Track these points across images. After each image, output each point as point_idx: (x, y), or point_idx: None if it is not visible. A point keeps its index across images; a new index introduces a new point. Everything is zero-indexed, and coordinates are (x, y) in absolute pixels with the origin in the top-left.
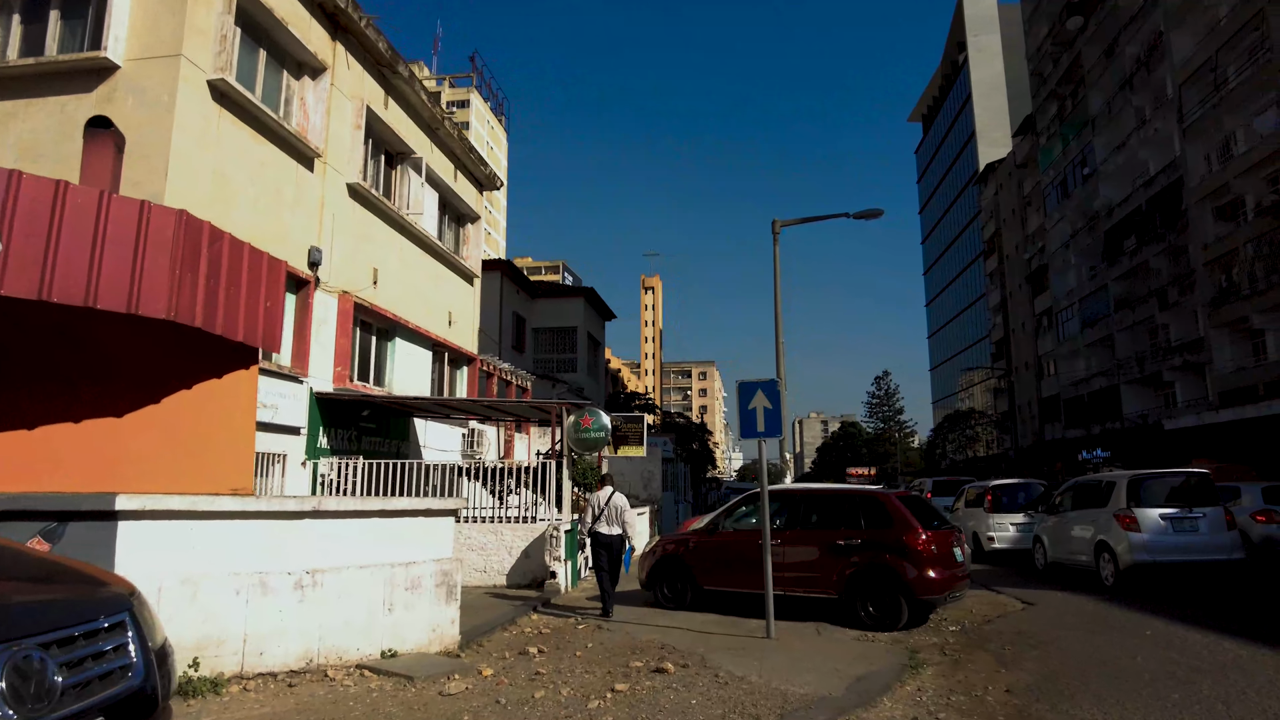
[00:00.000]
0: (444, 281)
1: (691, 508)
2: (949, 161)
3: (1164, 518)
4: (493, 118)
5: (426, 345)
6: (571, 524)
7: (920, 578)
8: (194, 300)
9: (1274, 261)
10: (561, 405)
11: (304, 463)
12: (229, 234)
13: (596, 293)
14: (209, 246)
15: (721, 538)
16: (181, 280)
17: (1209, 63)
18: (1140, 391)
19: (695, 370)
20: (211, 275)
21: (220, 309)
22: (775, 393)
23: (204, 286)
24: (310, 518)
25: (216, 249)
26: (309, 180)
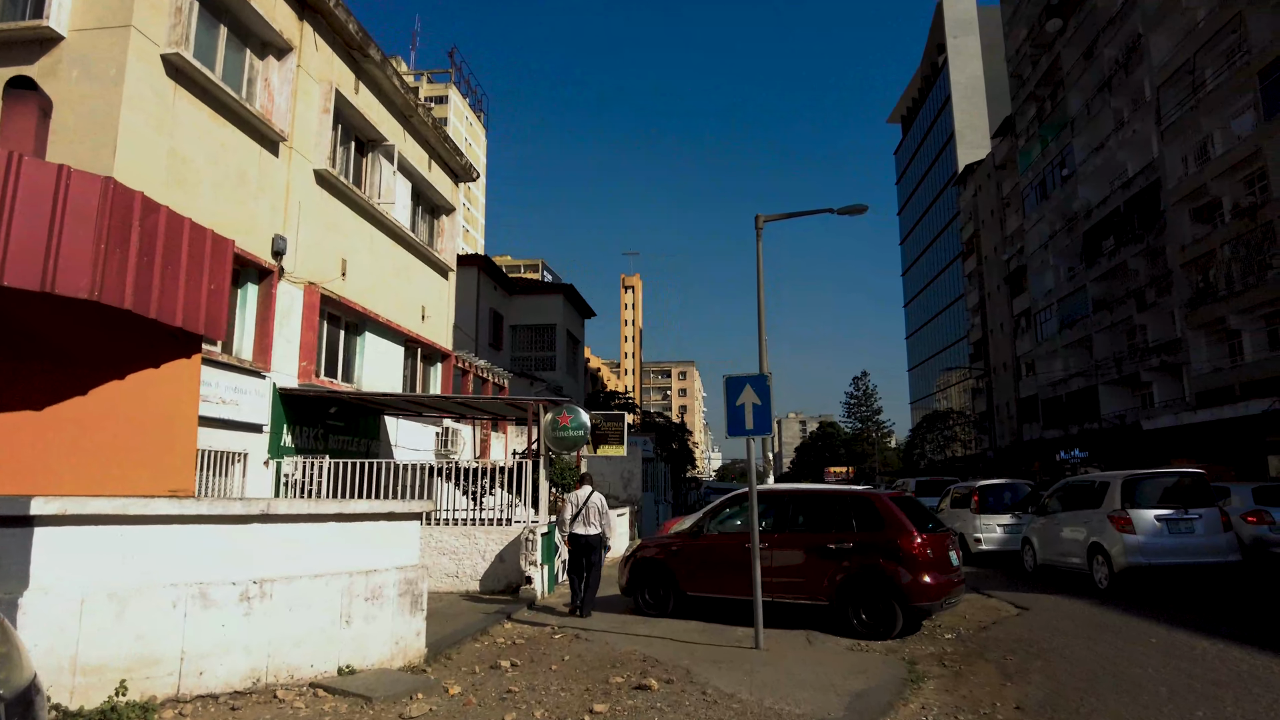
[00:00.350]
0: (417, 274)
1: (672, 508)
2: (928, 163)
3: (1159, 519)
4: (471, 114)
5: (398, 340)
6: (549, 526)
7: (915, 583)
8: (123, 279)
9: (1250, 263)
10: (538, 402)
11: (267, 462)
12: (166, 207)
13: (576, 290)
14: (142, 220)
15: (706, 541)
16: (108, 256)
17: (1187, 65)
18: (1118, 392)
19: (675, 370)
20: (145, 252)
21: (155, 290)
22: (765, 388)
23: (136, 264)
24: (259, 522)
25: (151, 223)
26: (274, 165)
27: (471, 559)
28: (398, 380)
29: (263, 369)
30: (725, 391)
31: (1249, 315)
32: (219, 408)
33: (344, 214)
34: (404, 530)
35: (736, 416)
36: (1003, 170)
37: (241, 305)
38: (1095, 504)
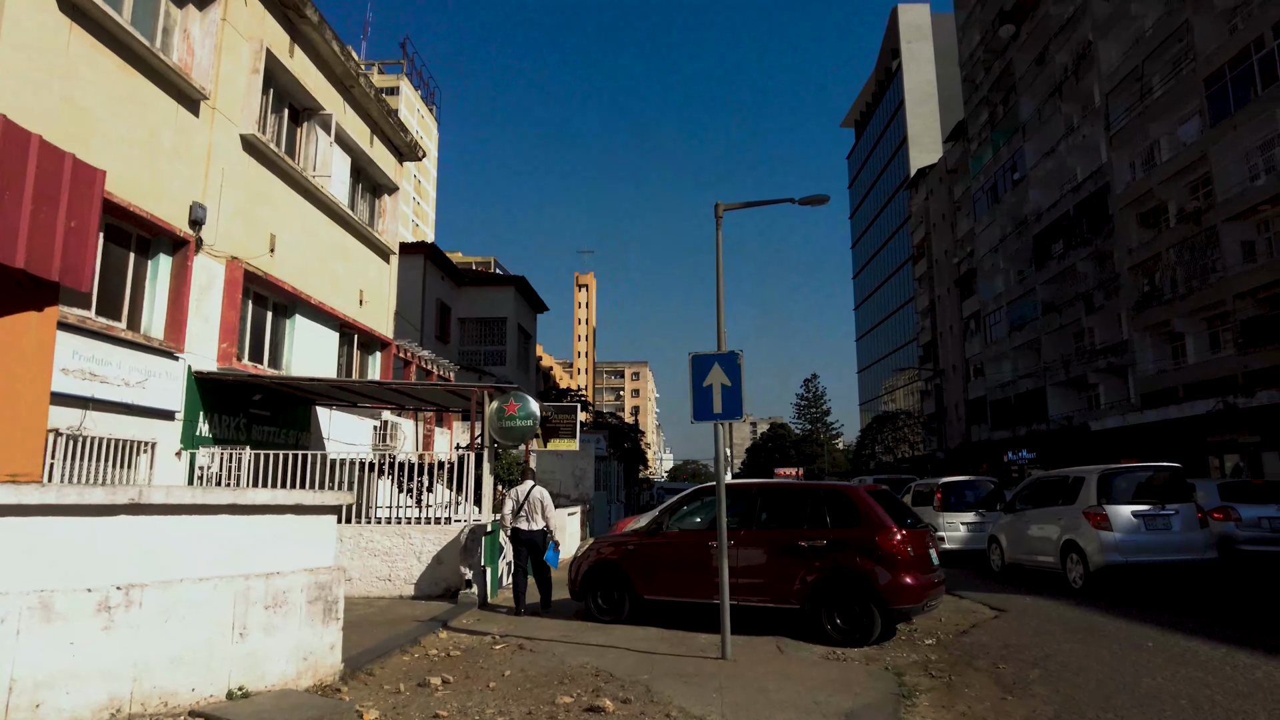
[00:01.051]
0: (355, 256)
1: (624, 508)
2: (880, 167)
3: (1137, 515)
4: (423, 106)
5: (333, 325)
6: (492, 525)
7: (895, 585)
8: None
9: (1194, 267)
10: (482, 389)
11: (179, 453)
12: (3, 115)
13: (528, 282)
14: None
15: (665, 539)
16: None
17: (1135, 72)
18: (1065, 393)
19: (629, 370)
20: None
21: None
22: (735, 368)
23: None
24: (127, 513)
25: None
26: (194, 127)
27: (406, 561)
28: (332, 368)
29: (175, 349)
30: (691, 371)
31: (1192, 318)
32: (122, 390)
33: (274, 186)
34: (317, 526)
35: (704, 399)
36: (954, 174)
37: (152, 278)
38: (1069, 500)
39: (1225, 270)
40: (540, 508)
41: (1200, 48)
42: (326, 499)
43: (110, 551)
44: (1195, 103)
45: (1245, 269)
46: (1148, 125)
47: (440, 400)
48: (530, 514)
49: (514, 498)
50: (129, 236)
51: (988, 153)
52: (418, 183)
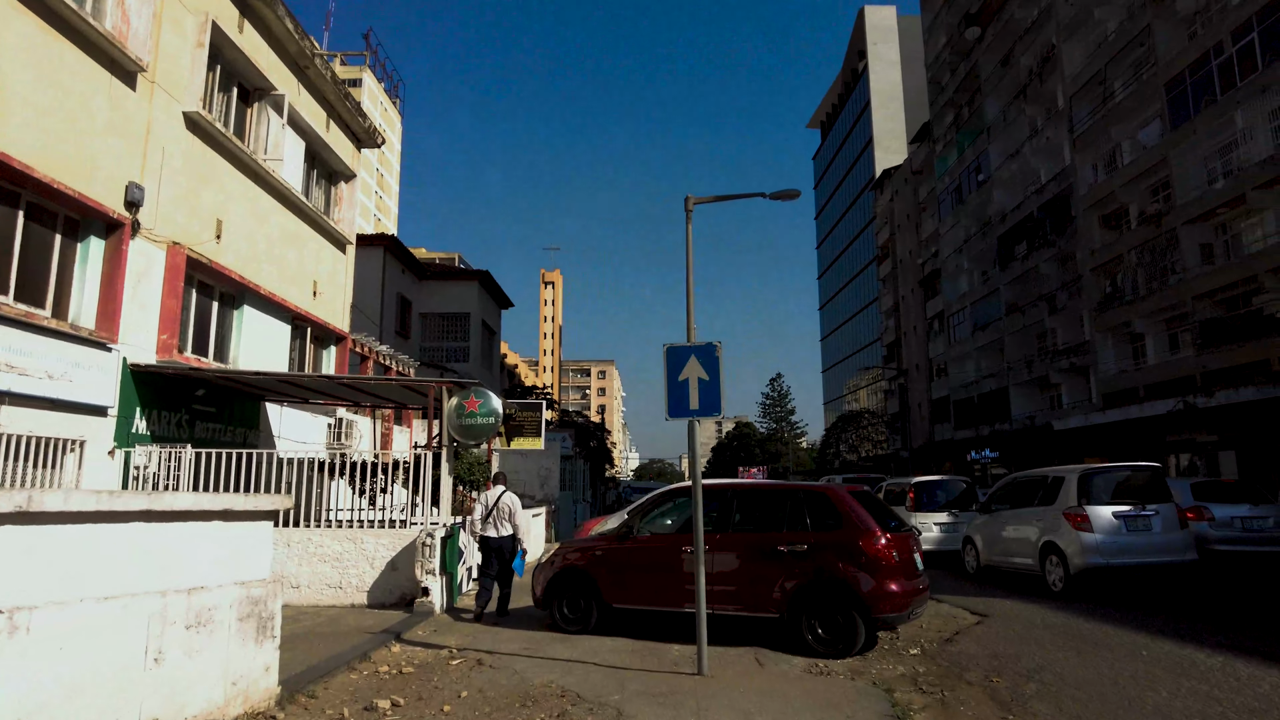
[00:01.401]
0: (309, 245)
1: (590, 508)
2: (846, 168)
3: (1117, 516)
4: (387, 99)
5: (284, 317)
6: (452, 529)
7: (880, 592)
8: None
9: (1154, 269)
10: (441, 384)
11: (112, 451)
12: None
13: (492, 277)
14: None
15: (635, 544)
16: None
17: (1098, 75)
18: (1028, 393)
19: (595, 369)
20: None
21: None
22: (713, 360)
23: None
24: (13, 523)
25: None
26: (130, 101)
27: (358, 567)
28: (283, 362)
29: (108, 340)
30: (666, 364)
31: (1152, 319)
32: (45, 384)
33: (221, 168)
34: (249, 534)
35: (679, 394)
36: (919, 175)
37: (81, 262)
38: (1048, 501)
39: (1185, 272)
40: (509, 514)
41: (1161, 53)
42: (261, 503)
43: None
44: (1156, 106)
45: (1204, 271)
46: (1110, 128)
47: (396, 397)
48: (499, 520)
49: (483, 503)
50: (54, 217)
51: (953, 154)
52: (380, 176)
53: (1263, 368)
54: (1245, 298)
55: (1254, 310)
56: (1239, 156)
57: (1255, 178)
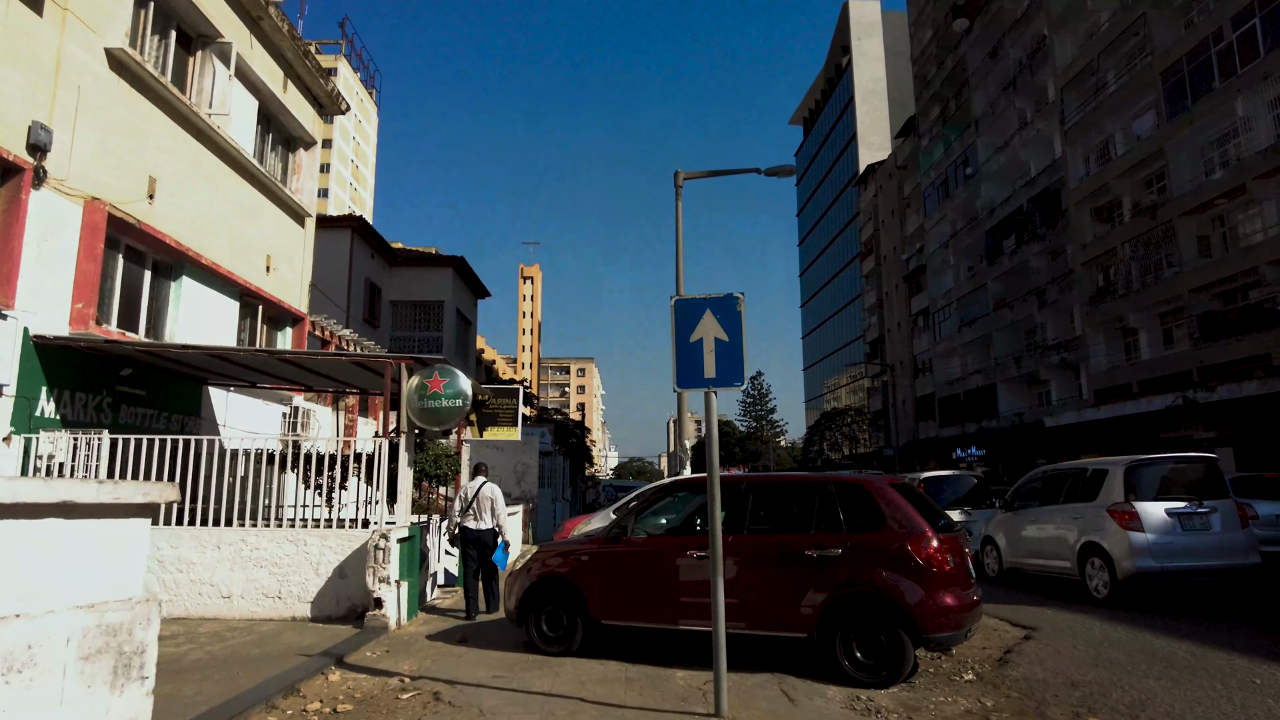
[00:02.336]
0: (263, 215)
1: (570, 507)
2: (829, 164)
3: (1171, 514)
4: (363, 90)
5: (231, 293)
6: (412, 529)
7: (932, 606)
8: None
9: (1148, 262)
10: (399, 361)
11: (7, 437)
12: None
13: (467, 263)
14: None
15: (630, 548)
16: None
17: (1090, 66)
18: (1016, 390)
19: (574, 366)
20: None
21: None
22: (734, 315)
23: None
24: None
25: None
26: (35, 28)
27: (301, 573)
28: (231, 342)
29: (3, 305)
30: (674, 322)
31: (1146, 313)
32: None
33: (155, 118)
34: (108, 538)
35: (690, 359)
36: (904, 170)
37: None
38: (1087, 496)
39: (1181, 265)
40: (490, 505)
41: (1157, 42)
42: (125, 494)
43: None
44: (1151, 97)
45: (1201, 264)
46: (1102, 119)
47: (348, 377)
48: (479, 512)
49: (463, 494)
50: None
51: (939, 148)
52: (355, 168)
53: (1263, 362)
54: (1244, 290)
55: (1254, 303)
56: (1238, 146)
57: (1256, 167)
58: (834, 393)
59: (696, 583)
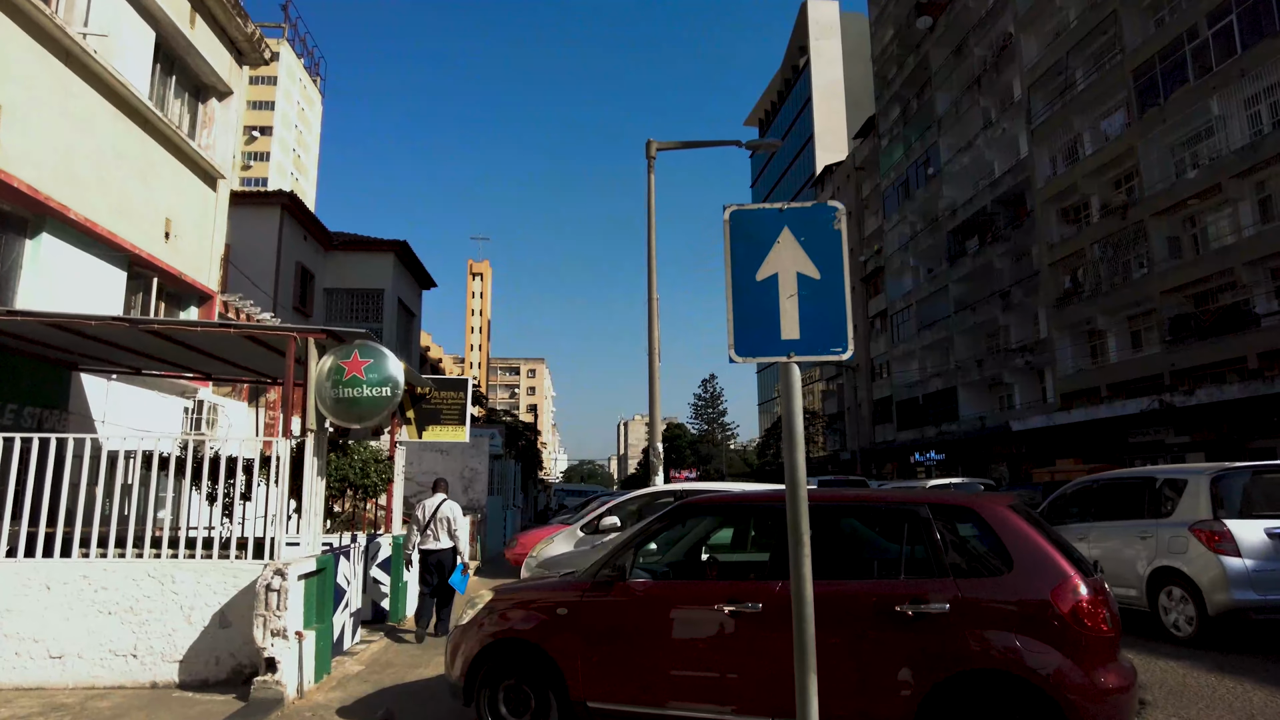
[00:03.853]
0: (161, 172)
1: (521, 514)
2: (785, 165)
3: (1273, 535)
4: (306, 76)
5: (117, 261)
6: (322, 561)
7: (1094, 690)
8: None
9: (1117, 263)
10: (304, 335)
11: None
12: None
13: (410, 249)
14: None
15: (630, 599)
16: None
17: (1058, 65)
18: (978, 393)
19: (524, 367)
20: None
21: None
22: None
23: None
24: None
25: None
26: None
27: (166, 621)
28: None
29: None
30: (729, 248)
31: (1115, 316)
32: None
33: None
34: None
35: (757, 308)
36: (862, 171)
37: None
38: (1157, 511)
39: (1152, 266)
40: (448, 524)
41: (1128, 39)
42: None
43: None
44: (1121, 95)
45: (1173, 265)
46: (1071, 118)
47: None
48: (437, 532)
49: (420, 513)
50: None
51: (899, 149)
52: (296, 157)
53: (1238, 365)
54: (1216, 292)
55: (1229, 306)
56: (1211, 146)
57: (1232, 166)
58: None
59: (732, 651)
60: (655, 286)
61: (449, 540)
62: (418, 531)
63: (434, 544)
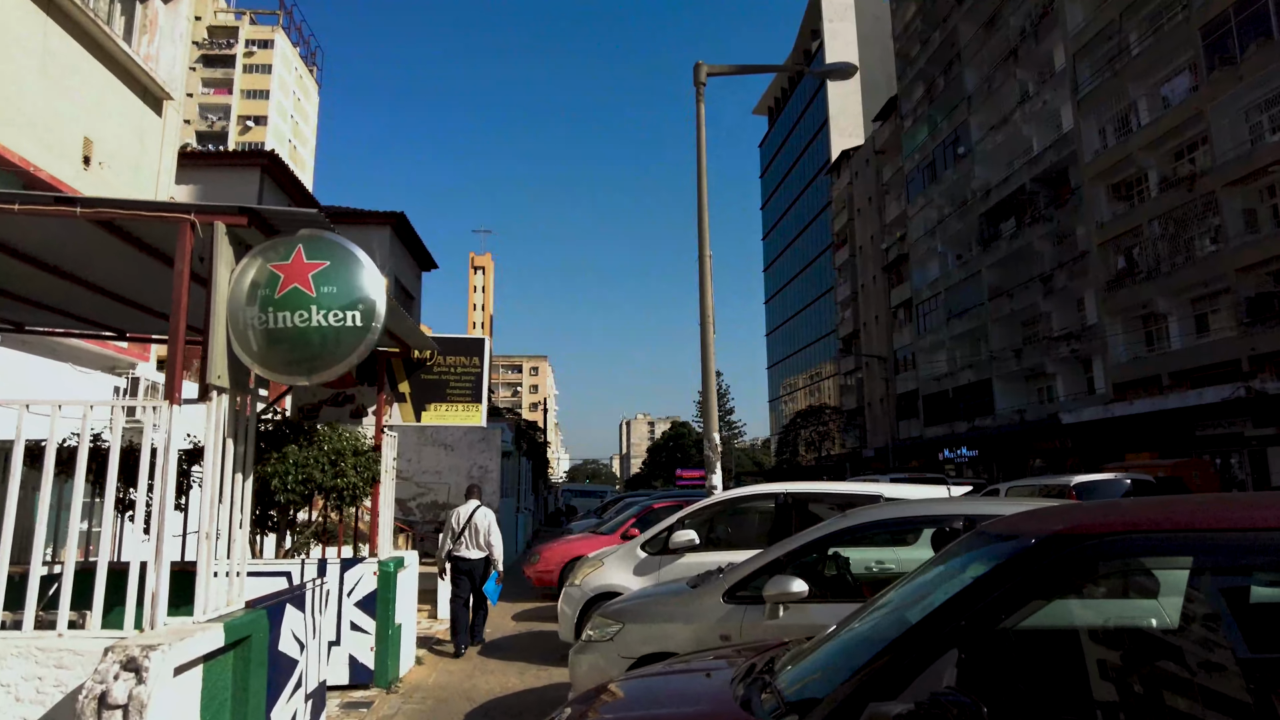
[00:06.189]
0: (80, 79)
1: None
2: (797, 153)
3: None
4: (302, 65)
5: (7, 182)
6: (237, 628)
7: None
8: None
9: (1179, 241)
10: (207, 219)
11: None
12: None
13: (409, 222)
14: None
15: None
16: None
17: (1108, 29)
18: (1015, 385)
19: (527, 364)
20: None
21: None
22: None
23: None
24: None
25: None
26: None
27: None
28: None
29: None
30: None
31: (1178, 298)
32: None
33: None
34: None
35: None
36: (882, 156)
37: None
38: None
39: (1226, 242)
40: (482, 533)
41: None
42: None
43: None
44: (1185, 56)
45: (1249, 239)
46: (1124, 86)
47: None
48: (472, 540)
49: (453, 521)
50: None
51: (923, 130)
52: (293, 148)
53: None
54: None
55: None
56: None
57: None
58: (804, 390)
59: None
60: (707, 242)
61: (481, 549)
62: (451, 539)
63: (467, 552)
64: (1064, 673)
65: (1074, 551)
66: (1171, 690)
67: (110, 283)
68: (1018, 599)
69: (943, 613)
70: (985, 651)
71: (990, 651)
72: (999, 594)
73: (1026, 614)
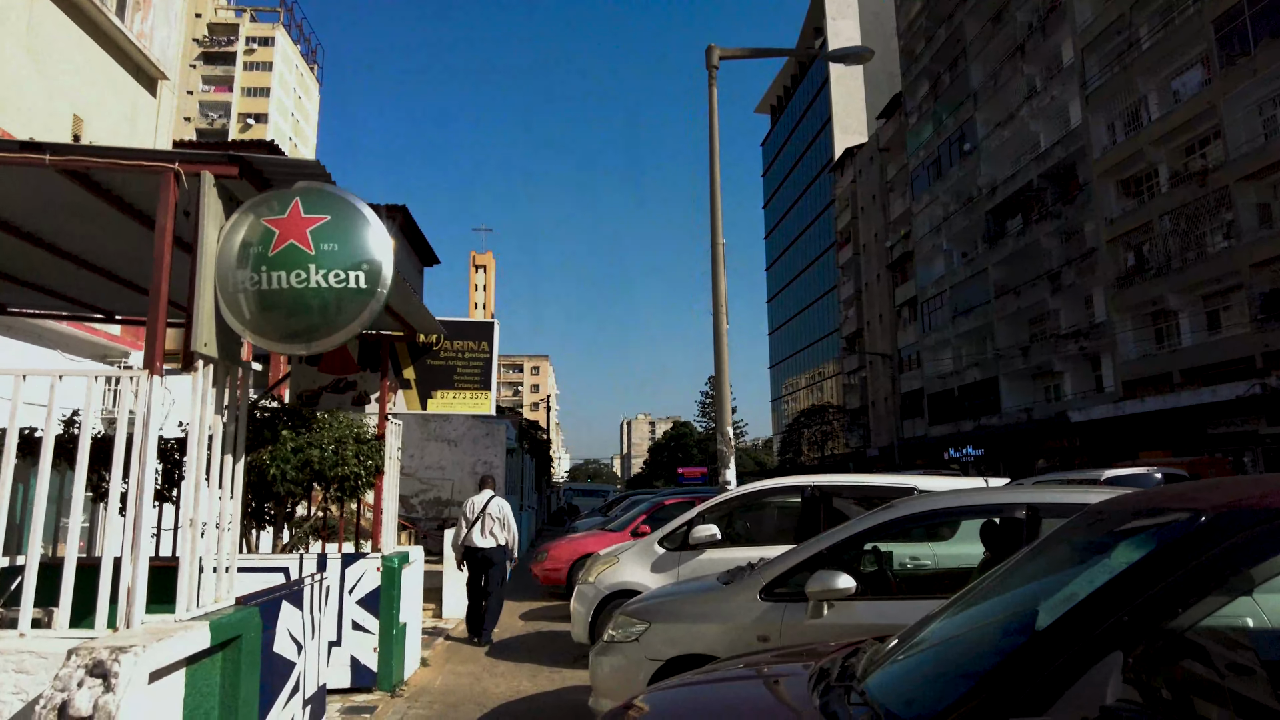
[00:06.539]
0: (70, 54)
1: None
2: (800, 151)
3: None
4: (303, 63)
5: None
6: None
7: None
8: None
9: (1190, 237)
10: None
11: None
12: None
13: (411, 216)
14: None
15: None
16: None
17: (1117, 23)
18: (1022, 384)
19: (528, 364)
20: None
21: None
22: None
23: None
24: None
25: None
26: None
27: None
28: None
29: None
30: None
31: (1189, 294)
32: None
33: None
34: None
35: None
36: (887, 153)
37: None
38: None
39: (1239, 237)
40: (498, 523)
41: None
42: None
43: None
44: (1198, 49)
45: (1264, 235)
46: (1134, 80)
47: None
48: (484, 528)
49: (468, 510)
50: None
51: (928, 127)
52: (293, 146)
53: None
54: None
55: None
56: None
57: None
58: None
59: None
60: (720, 229)
61: (500, 537)
62: (465, 528)
63: (481, 541)
64: (1250, 679)
65: (1268, 530)
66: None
67: (93, 254)
68: (1197, 588)
69: (1094, 607)
70: (1156, 654)
71: (1162, 654)
72: (1173, 581)
73: (1211, 606)
